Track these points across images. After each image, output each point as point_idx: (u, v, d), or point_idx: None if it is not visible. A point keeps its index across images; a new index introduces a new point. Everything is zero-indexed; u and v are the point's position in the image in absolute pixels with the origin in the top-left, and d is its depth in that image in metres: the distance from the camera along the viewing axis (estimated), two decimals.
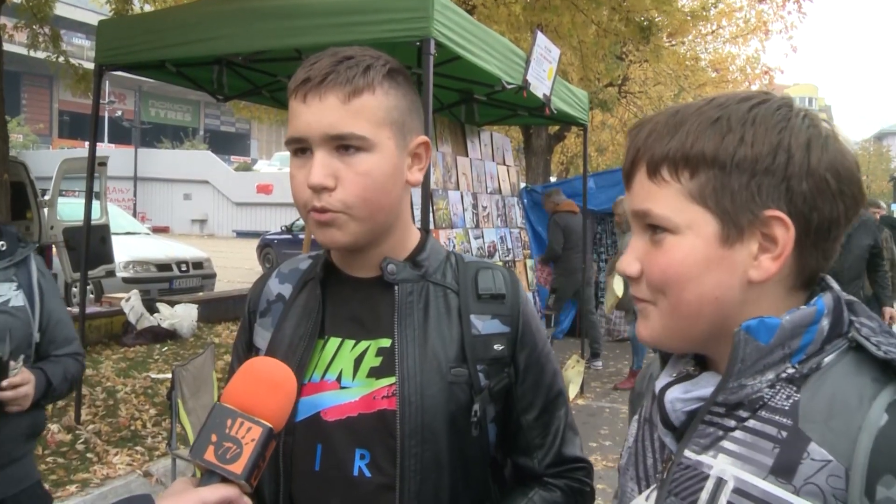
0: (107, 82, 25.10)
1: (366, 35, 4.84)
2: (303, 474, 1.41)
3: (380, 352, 1.41)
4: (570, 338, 10.91)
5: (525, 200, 10.92)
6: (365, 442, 1.38)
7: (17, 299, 2.35)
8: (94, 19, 7.12)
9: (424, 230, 1.54)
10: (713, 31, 17.88)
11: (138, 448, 5.71)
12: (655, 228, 1.01)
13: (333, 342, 1.45)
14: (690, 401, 1.04)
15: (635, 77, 16.91)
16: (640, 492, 1.13)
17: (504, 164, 8.58)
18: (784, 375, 0.98)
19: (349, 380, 1.41)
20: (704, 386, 1.04)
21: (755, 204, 0.96)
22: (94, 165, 6.23)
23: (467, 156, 7.52)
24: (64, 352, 2.48)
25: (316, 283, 1.49)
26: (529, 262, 8.56)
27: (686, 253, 0.99)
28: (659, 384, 1.10)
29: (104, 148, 33.76)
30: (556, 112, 7.30)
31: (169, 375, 5.26)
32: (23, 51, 10.15)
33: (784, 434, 0.95)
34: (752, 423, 0.99)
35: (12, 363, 2.20)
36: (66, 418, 6.06)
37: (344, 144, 1.32)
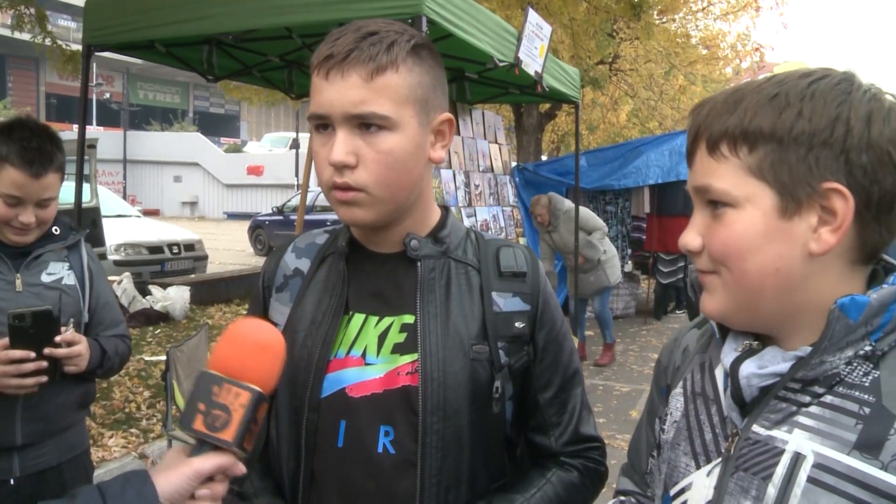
0: (94, 64, 24.90)
1: (357, 13, 4.79)
2: (325, 451, 1.41)
3: (403, 328, 1.41)
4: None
5: (517, 179, 10.90)
6: (389, 418, 1.38)
7: (69, 279, 2.53)
8: (79, 0, 7.04)
9: (444, 207, 1.54)
10: (704, 8, 17.78)
11: (133, 430, 5.72)
12: (716, 204, 1.03)
13: (358, 318, 1.44)
14: (766, 376, 1.04)
15: (626, 54, 16.81)
16: (699, 467, 1.13)
17: (496, 142, 8.56)
18: (862, 353, 0.99)
19: (373, 356, 1.41)
20: (773, 361, 1.04)
21: (813, 176, 0.97)
22: (83, 148, 6.18)
23: (459, 134, 7.50)
24: (112, 333, 2.62)
25: (338, 258, 1.48)
26: (522, 241, 8.56)
27: (746, 226, 1.01)
28: (727, 359, 1.10)
29: (92, 131, 33.52)
30: (547, 90, 7.26)
31: (162, 358, 5.25)
32: (8, 32, 10.05)
33: (867, 410, 0.96)
34: (829, 398, 1.00)
35: (64, 326, 2.34)
36: None
37: (366, 123, 1.30)
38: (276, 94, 10.40)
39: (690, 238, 1.07)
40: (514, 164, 11.39)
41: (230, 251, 20.97)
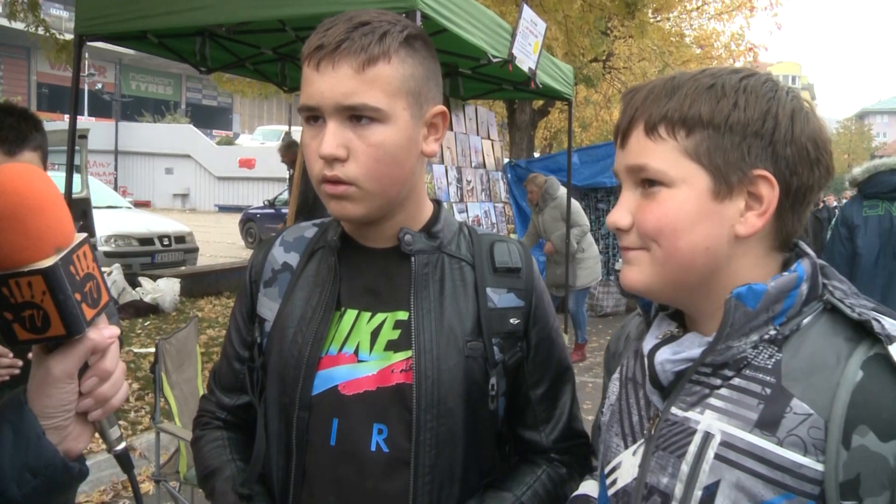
0: (86, 55, 24.71)
1: (351, 6, 4.77)
2: (317, 449, 1.38)
3: (397, 324, 1.39)
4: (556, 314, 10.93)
5: (509, 175, 10.90)
6: (382, 416, 1.36)
7: None
8: None
9: (436, 202, 1.52)
10: (698, 7, 17.84)
11: (121, 422, 5.69)
12: (649, 182, 1.09)
13: (350, 314, 1.42)
14: (679, 361, 1.12)
15: (620, 53, 16.84)
16: (627, 447, 1.21)
17: (489, 138, 8.55)
18: (766, 337, 1.07)
19: (366, 353, 1.38)
20: (689, 347, 1.12)
21: (745, 163, 1.05)
22: (74, 138, 6.15)
23: (452, 130, 7.49)
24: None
25: (329, 253, 1.45)
26: (514, 237, 8.56)
27: (681, 204, 1.07)
28: (647, 346, 1.18)
29: (84, 121, 33.34)
30: (541, 86, 7.27)
31: (151, 350, 5.23)
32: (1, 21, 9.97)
33: (768, 391, 1.04)
34: (737, 381, 1.08)
35: None
36: None
37: (357, 115, 1.28)
38: (269, 86, 10.36)
39: (620, 216, 1.12)
40: (506, 160, 11.39)
41: (221, 244, 20.91)
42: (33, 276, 0.88)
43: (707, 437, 1.07)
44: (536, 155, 16.22)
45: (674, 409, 1.13)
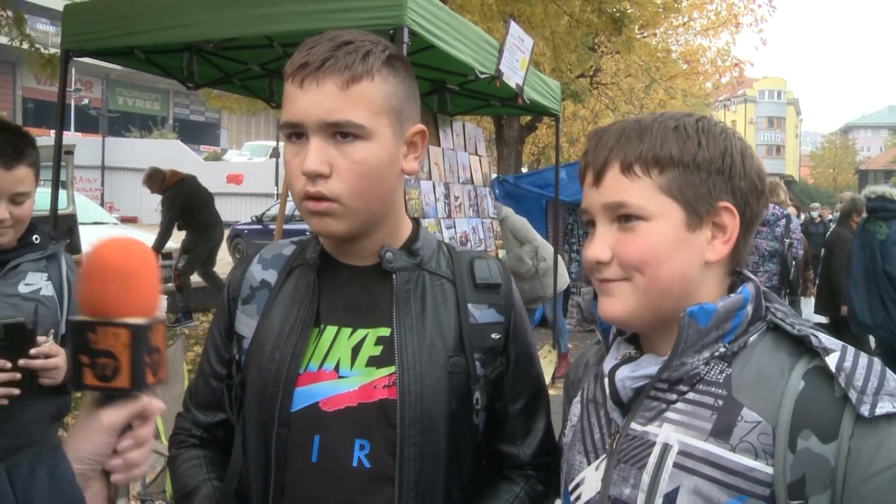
0: (73, 70, 24.63)
1: (339, 23, 4.78)
2: (299, 466, 1.38)
3: (379, 340, 1.40)
4: (542, 328, 10.96)
5: (497, 191, 10.92)
6: (364, 432, 1.36)
7: (47, 289, 2.48)
8: (58, 4, 6.99)
9: (415, 220, 1.53)
10: (684, 24, 17.98)
11: None
12: (627, 217, 1.18)
13: (330, 331, 1.42)
14: (638, 378, 1.22)
15: (607, 68, 16.96)
16: (589, 463, 1.28)
17: (476, 154, 8.55)
18: (717, 354, 1.18)
19: (347, 369, 1.39)
20: (647, 366, 1.22)
21: (711, 196, 1.18)
22: (60, 154, 6.12)
23: (439, 145, 7.49)
24: None
25: (308, 270, 1.46)
26: (501, 253, 8.56)
27: (660, 235, 1.17)
28: (607, 366, 1.27)
29: (70, 136, 33.21)
30: (528, 102, 7.29)
31: None
32: None
33: (720, 402, 1.14)
34: (691, 395, 1.18)
35: (42, 337, 2.29)
36: None
37: (341, 132, 1.29)
38: (256, 102, 10.37)
39: (600, 250, 1.20)
40: (494, 176, 11.41)
41: None
42: (122, 328, 0.98)
43: (665, 447, 1.16)
44: (524, 170, 16.27)
45: (633, 425, 1.22)
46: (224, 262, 20.62)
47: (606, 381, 1.26)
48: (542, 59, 12.17)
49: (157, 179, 10.25)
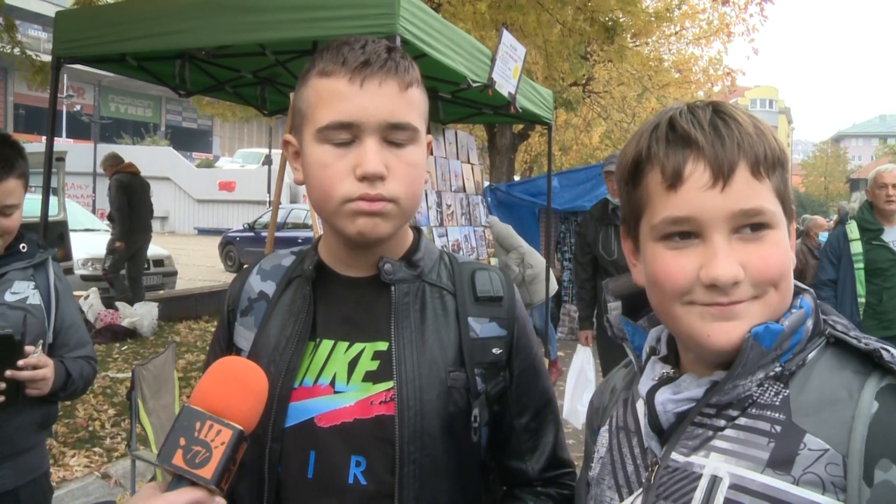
0: (65, 76, 24.56)
1: (331, 31, 4.78)
2: (295, 482, 1.36)
3: (376, 355, 1.37)
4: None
5: (489, 199, 10.92)
6: (361, 448, 1.33)
7: (34, 298, 2.47)
8: (50, 10, 6.97)
9: (416, 229, 1.50)
10: (676, 33, 18.04)
11: (96, 449, 5.61)
12: (758, 227, 1.02)
13: (326, 344, 1.39)
14: (682, 401, 1.07)
15: (599, 77, 17.00)
16: (622, 499, 1.13)
17: (468, 162, 8.56)
18: (772, 374, 1.02)
19: (343, 384, 1.36)
20: (689, 388, 1.07)
21: (788, 198, 1.07)
22: (51, 160, 6.10)
23: (432, 154, 7.49)
24: (77, 354, 2.56)
25: (304, 282, 1.43)
26: (493, 261, 8.56)
27: (786, 244, 1.04)
28: (643, 388, 1.13)
29: (62, 143, 33.17)
30: (521, 111, 7.30)
31: (129, 375, 5.16)
32: None
33: (778, 428, 0.99)
34: (742, 420, 1.02)
35: (30, 348, 2.29)
36: None
37: (396, 134, 1.28)
38: (249, 110, 10.34)
39: (733, 268, 1.00)
40: (486, 184, 11.41)
41: (200, 267, 20.77)
42: (228, 428, 1.08)
43: (714, 480, 1.00)
44: (517, 178, 16.29)
45: (674, 455, 1.06)
46: (216, 270, 20.62)
47: (640, 405, 1.13)
48: (535, 68, 12.19)
49: (112, 163, 10.59)
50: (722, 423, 1.03)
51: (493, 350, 1.43)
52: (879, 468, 0.91)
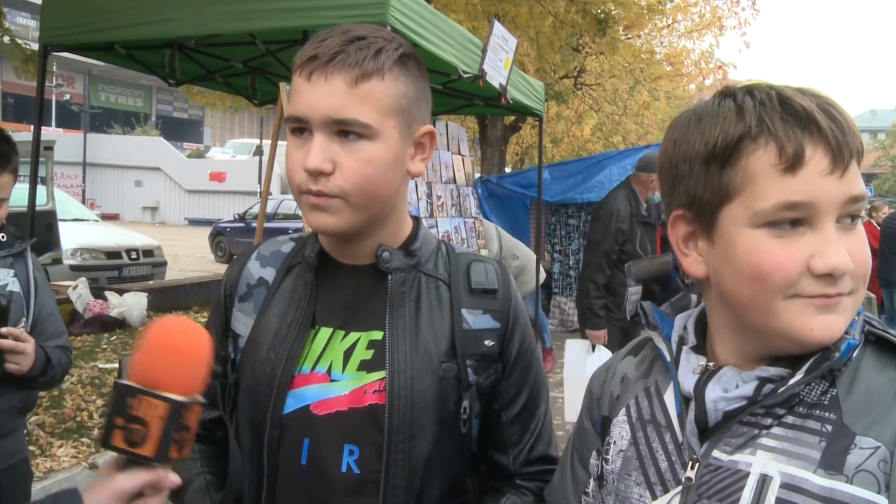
0: (54, 65, 24.42)
1: (322, 20, 4.76)
2: (288, 469, 1.36)
3: (371, 344, 1.37)
4: None
5: (480, 191, 10.91)
6: (354, 437, 1.34)
7: (14, 286, 2.50)
8: None
9: (415, 218, 1.49)
10: (669, 25, 18.03)
11: (84, 440, 5.59)
12: (854, 217, 0.98)
13: (324, 333, 1.40)
14: (734, 400, 1.02)
15: (591, 69, 16.97)
16: (655, 497, 1.09)
17: (459, 153, 8.54)
18: (817, 372, 0.99)
19: (339, 372, 1.36)
20: (729, 382, 1.03)
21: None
22: (38, 149, 6.06)
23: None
24: (54, 344, 2.57)
25: (305, 270, 1.43)
26: (484, 252, 8.56)
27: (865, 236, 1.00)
28: (688, 384, 1.08)
29: (52, 132, 33.02)
30: (512, 102, 7.29)
31: (117, 365, 5.14)
32: None
33: (829, 427, 0.97)
34: (790, 419, 1.00)
35: (14, 328, 2.32)
36: None
37: (346, 130, 1.25)
38: (240, 99, 10.30)
39: (847, 256, 0.95)
40: (477, 175, 11.40)
41: (191, 257, 20.71)
42: (162, 401, 1.03)
43: (764, 479, 0.97)
44: (508, 170, 16.28)
45: (716, 453, 1.03)
46: (206, 260, 20.56)
47: (669, 397, 1.11)
48: (527, 60, 12.17)
49: None
50: (769, 420, 1.00)
51: (486, 342, 1.42)
52: None
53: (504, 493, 1.48)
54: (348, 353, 1.38)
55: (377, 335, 1.38)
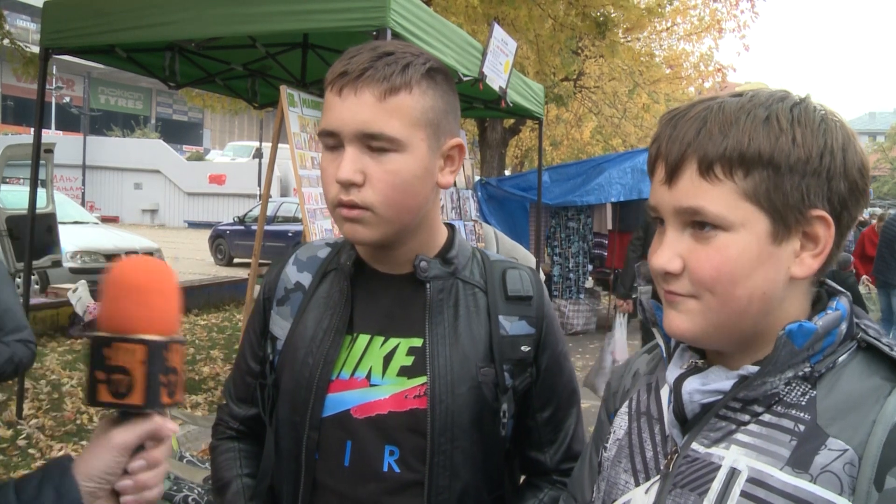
0: (54, 68, 24.45)
1: (321, 24, 4.77)
2: (332, 469, 1.42)
3: (411, 351, 1.42)
4: None
5: (479, 193, 10.92)
6: (394, 439, 1.40)
7: None
8: (38, 1, 6.92)
9: (450, 226, 1.54)
10: (668, 28, 18.05)
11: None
12: (703, 225, 1.01)
13: (363, 339, 1.44)
14: (709, 393, 1.06)
15: (591, 72, 16.99)
16: (638, 484, 1.14)
17: None
18: (801, 374, 1.02)
19: (379, 378, 1.42)
20: (717, 380, 1.06)
21: (804, 204, 0.99)
22: (39, 152, 6.06)
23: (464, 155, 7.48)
24: (13, 338, 2.57)
25: (341, 276, 1.48)
26: None
27: (741, 250, 0.99)
28: (671, 375, 1.12)
29: (51, 135, 33.02)
30: (511, 105, 7.30)
31: None
32: None
33: (801, 428, 0.99)
34: (767, 417, 1.03)
35: None
36: (7, 413, 5.91)
37: (375, 143, 1.30)
38: (239, 102, 10.32)
39: (668, 259, 1.03)
40: (477, 178, 11.41)
41: (190, 260, 20.71)
42: (138, 344, 0.97)
43: (733, 472, 1.01)
44: (507, 173, 16.29)
45: (695, 445, 1.07)
46: (206, 263, 20.55)
47: (664, 392, 1.14)
48: (526, 63, 12.17)
49: None
50: (746, 417, 1.04)
51: (522, 347, 1.49)
52: (892, 475, 0.91)
53: (542, 489, 1.56)
54: (388, 359, 1.43)
55: (417, 342, 1.43)
